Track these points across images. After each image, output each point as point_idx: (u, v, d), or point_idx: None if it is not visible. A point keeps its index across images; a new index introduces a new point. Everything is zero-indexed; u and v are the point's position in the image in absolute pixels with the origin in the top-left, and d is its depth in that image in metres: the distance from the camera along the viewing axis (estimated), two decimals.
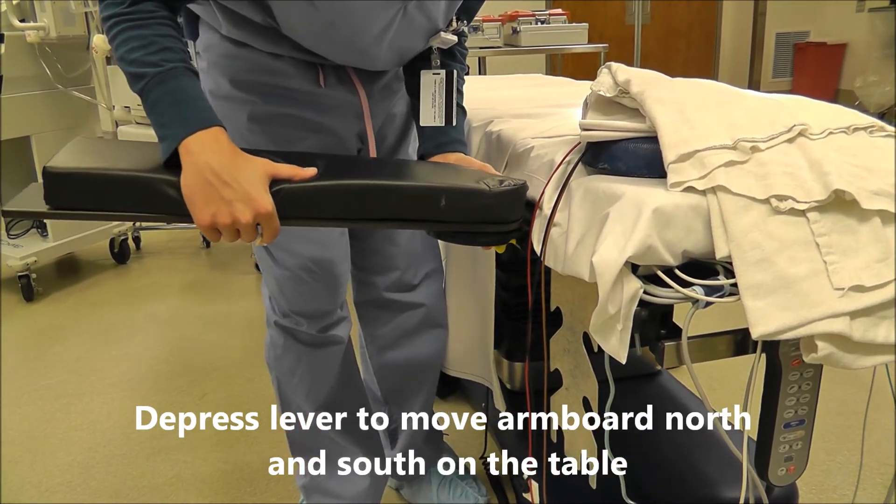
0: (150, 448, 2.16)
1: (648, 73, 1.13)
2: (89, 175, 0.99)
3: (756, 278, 0.87)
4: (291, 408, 1.62)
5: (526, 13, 4.44)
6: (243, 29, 1.24)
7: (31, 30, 3.14)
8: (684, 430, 1.54)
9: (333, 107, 1.34)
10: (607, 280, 0.88)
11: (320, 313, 1.51)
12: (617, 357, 0.90)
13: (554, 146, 1.21)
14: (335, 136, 1.37)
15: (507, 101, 1.76)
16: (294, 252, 1.42)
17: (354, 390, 1.65)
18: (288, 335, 1.55)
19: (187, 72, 1.05)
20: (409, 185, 1.08)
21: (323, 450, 1.64)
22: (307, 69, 1.29)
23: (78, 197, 1.00)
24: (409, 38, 1.27)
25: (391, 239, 1.56)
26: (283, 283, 1.47)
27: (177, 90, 1.03)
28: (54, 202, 1.00)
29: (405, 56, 1.35)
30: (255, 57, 1.27)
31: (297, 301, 1.49)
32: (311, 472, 1.66)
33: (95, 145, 1.14)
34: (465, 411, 2.25)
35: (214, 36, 1.30)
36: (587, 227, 0.99)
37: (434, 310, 1.71)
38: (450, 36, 1.31)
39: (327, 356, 1.57)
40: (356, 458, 1.64)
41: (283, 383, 1.60)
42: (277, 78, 1.29)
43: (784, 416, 1.03)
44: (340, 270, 1.50)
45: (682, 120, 1.01)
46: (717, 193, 0.92)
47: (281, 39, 1.23)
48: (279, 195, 1.03)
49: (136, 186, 1.00)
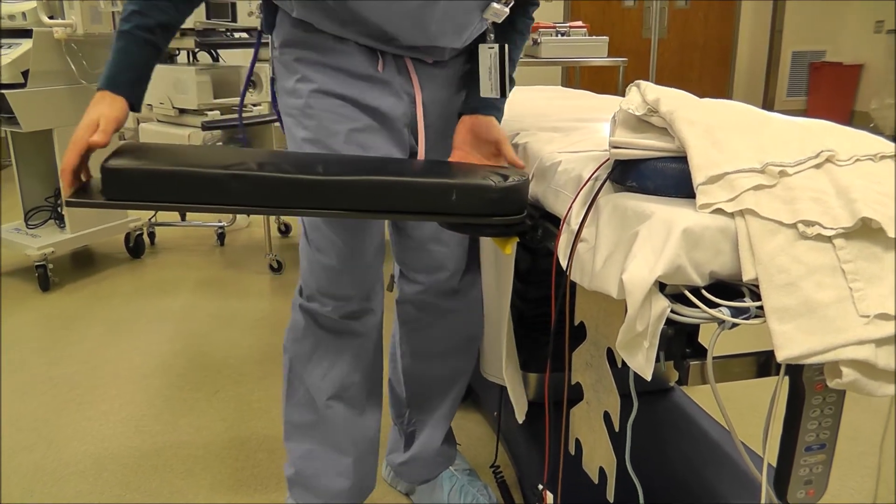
0: (161, 442, 2.18)
1: (677, 92, 1.15)
2: (140, 171, 1.13)
3: (782, 302, 0.88)
4: (297, 394, 1.65)
5: (547, 25, 4.45)
6: (311, 9, 1.35)
7: (60, 27, 3.18)
8: (696, 447, 1.55)
9: (391, 92, 1.44)
10: (637, 298, 0.89)
11: (344, 297, 1.54)
12: (642, 374, 0.92)
13: (581, 162, 1.22)
14: (388, 119, 1.44)
15: (531, 113, 1.77)
16: (324, 231, 1.48)
17: (364, 386, 1.66)
18: (309, 318, 1.59)
19: (145, 42, 1.28)
20: (424, 182, 1.19)
21: (315, 441, 1.66)
22: (368, 55, 1.41)
23: (130, 190, 1.13)
24: (459, 7, 1.34)
25: (438, 238, 1.58)
26: (312, 262, 1.53)
27: (121, 51, 1.27)
28: (110, 194, 1.13)
29: (461, 29, 1.41)
30: (322, 40, 1.40)
31: (322, 280, 1.53)
32: (298, 464, 1.68)
33: (141, 146, 1.27)
34: (477, 418, 2.27)
35: (287, 25, 1.43)
36: (615, 244, 1.00)
37: (471, 318, 1.73)
38: (502, 7, 1.37)
39: (344, 345, 1.59)
40: (345, 456, 1.66)
41: (296, 366, 1.63)
42: (341, 59, 1.40)
43: (805, 440, 1.04)
44: (368, 260, 1.52)
45: (712, 142, 1.03)
46: (746, 216, 0.94)
47: (346, 22, 1.34)
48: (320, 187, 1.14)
49: (177, 179, 1.15)
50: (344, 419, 1.63)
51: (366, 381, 1.65)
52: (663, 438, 1.77)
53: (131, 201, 1.15)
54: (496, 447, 2.03)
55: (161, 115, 3.55)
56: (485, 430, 2.21)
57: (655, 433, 1.79)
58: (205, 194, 1.14)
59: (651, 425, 1.28)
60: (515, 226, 1.25)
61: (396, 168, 1.30)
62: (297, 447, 1.68)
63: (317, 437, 1.66)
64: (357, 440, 1.67)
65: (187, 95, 3.36)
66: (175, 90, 3.39)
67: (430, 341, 1.74)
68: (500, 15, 1.38)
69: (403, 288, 1.70)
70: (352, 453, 1.66)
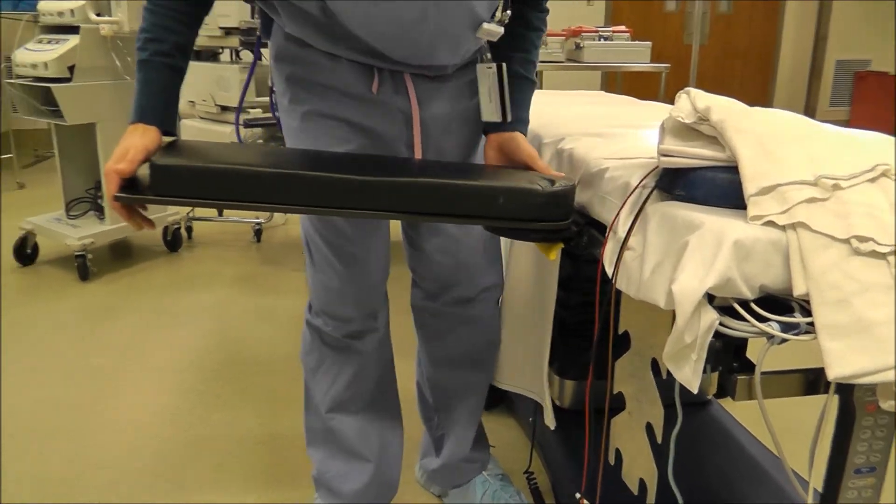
0: (194, 435, 2.20)
1: (728, 100, 1.13)
2: (188, 168, 1.14)
3: (834, 319, 0.86)
4: (312, 402, 1.68)
5: (590, 29, 4.43)
6: (303, 25, 1.31)
7: (106, 24, 3.23)
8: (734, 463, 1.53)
9: (384, 113, 1.39)
10: (686, 310, 0.88)
11: (345, 317, 1.56)
12: (689, 387, 0.90)
13: (628, 169, 1.21)
14: (382, 141, 1.41)
15: (576, 118, 1.76)
16: (324, 252, 1.49)
17: (370, 398, 1.67)
18: (315, 334, 1.62)
19: (165, 66, 1.27)
20: (472, 185, 1.18)
21: (332, 446, 1.68)
22: (363, 73, 1.35)
23: (177, 186, 1.14)
24: (450, 23, 1.28)
25: (445, 250, 1.57)
26: (314, 280, 1.55)
27: (145, 81, 1.27)
28: (157, 190, 1.14)
29: (456, 46, 1.35)
30: (314, 57, 1.35)
31: (324, 300, 1.55)
32: (319, 467, 1.71)
33: (187, 144, 1.28)
34: (510, 423, 2.26)
35: (280, 37, 1.38)
36: (664, 253, 0.99)
37: (488, 326, 1.73)
38: (495, 27, 1.32)
39: (347, 361, 1.61)
40: (363, 462, 1.67)
41: (308, 378, 1.67)
42: (333, 78, 1.35)
43: (854, 462, 1.01)
44: (370, 281, 1.53)
45: (763, 152, 1.01)
46: (797, 230, 0.92)
47: (338, 38, 1.29)
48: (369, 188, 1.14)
49: (225, 177, 1.15)
50: (352, 429, 1.66)
51: (372, 394, 1.67)
52: (700, 452, 1.75)
53: (178, 197, 1.15)
54: (530, 453, 2.02)
55: (203, 112, 3.59)
56: (518, 434, 2.20)
57: (692, 446, 1.77)
58: (252, 192, 1.14)
59: (688, 438, 1.27)
60: (560, 231, 1.24)
61: (442, 171, 1.29)
62: (315, 452, 1.72)
63: (331, 444, 1.69)
64: (373, 447, 1.68)
65: (230, 93, 3.39)
66: (218, 87, 3.42)
67: (445, 349, 1.74)
68: (494, 34, 1.32)
69: (416, 294, 1.71)
70: (370, 458, 1.68)
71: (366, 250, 1.49)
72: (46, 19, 3.42)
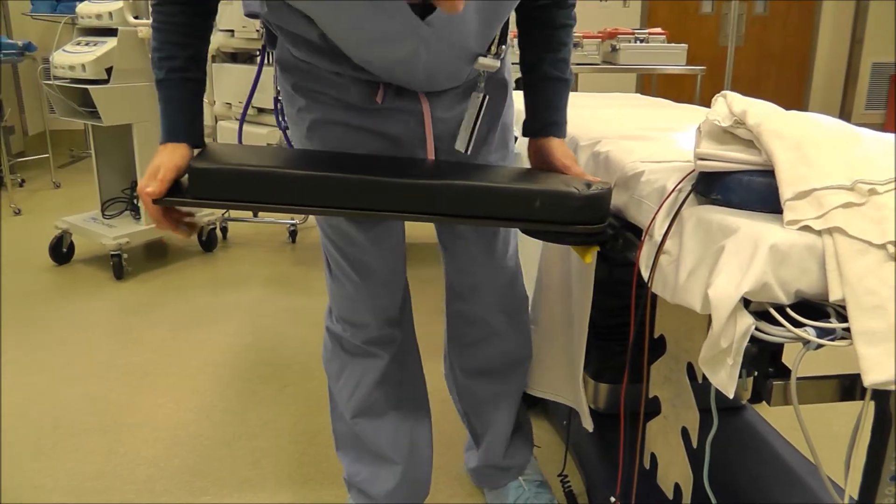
0: (231, 434, 2.23)
1: (764, 104, 1.13)
2: (228, 171, 1.16)
3: (870, 325, 0.86)
4: (337, 408, 1.70)
5: (626, 31, 4.42)
6: (303, 48, 1.32)
7: (144, 26, 3.29)
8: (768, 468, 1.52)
9: (394, 117, 1.39)
10: (722, 314, 0.88)
11: (362, 324, 1.57)
12: (725, 391, 0.91)
13: (664, 172, 1.21)
14: (397, 142, 1.42)
15: (612, 121, 1.76)
16: (338, 259, 1.52)
17: (395, 402, 1.68)
18: (336, 341, 1.64)
19: (182, 81, 1.28)
20: (509, 188, 1.19)
21: (359, 451, 1.70)
22: (367, 87, 1.35)
23: (217, 189, 1.17)
24: (443, 60, 1.27)
25: (475, 260, 1.58)
26: (331, 287, 1.57)
27: (166, 100, 1.28)
28: (196, 193, 1.16)
29: (455, 78, 1.35)
30: (318, 71, 1.35)
31: (343, 307, 1.58)
32: (349, 470, 1.73)
33: (225, 147, 1.32)
34: (545, 426, 2.26)
35: (285, 49, 1.39)
36: (700, 257, 0.99)
37: (519, 341, 1.73)
38: (492, 61, 1.29)
39: (368, 367, 1.63)
40: (391, 464, 1.68)
41: (332, 384, 1.69)
42: (339, 92, 1.36)
43: (891, 469, 1.01)
44: (387, 289, 1.55)
45: (800, 156, 1.01)
46: (833, 235, 0.91)
47: (341, 59, 1.28)
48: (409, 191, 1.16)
49: (264, 180, 1.17)
50: (378, 433, 1.67)
51: (397, 397, 1.68)
52: (734, 457, 1.74)
53: (218, 200, 1.18)
54: (564, 456, 2.02)
55: (239, 113, 3.62)
56: (553, 437, 2.20)
57: (726, 451, 1.76)
58: (289, 195, 1.16)
59: (722, 443, 1.26)
60: (596, 235, 1.25)
61: (478, 174, 1.30)
62: (344, 456, 1.74)
63: (358, 448, 1.70)
64: (401, 449, 1.69)
65: (266, 94, 3.41)
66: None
67: (476, 359, 1.74)
68: (491, 67, 1.30)
69: (449, 296, 1.71)
70: (398, 461, 1.68)
71: (379, 259, 1.51)
72: (85, 22, 3.49)
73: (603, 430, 1.71)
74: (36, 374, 2.59)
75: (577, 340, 1.63)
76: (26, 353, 2.75)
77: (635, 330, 1.17)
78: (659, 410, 1.29)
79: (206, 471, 2.05)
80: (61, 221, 3.72)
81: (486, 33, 1.26)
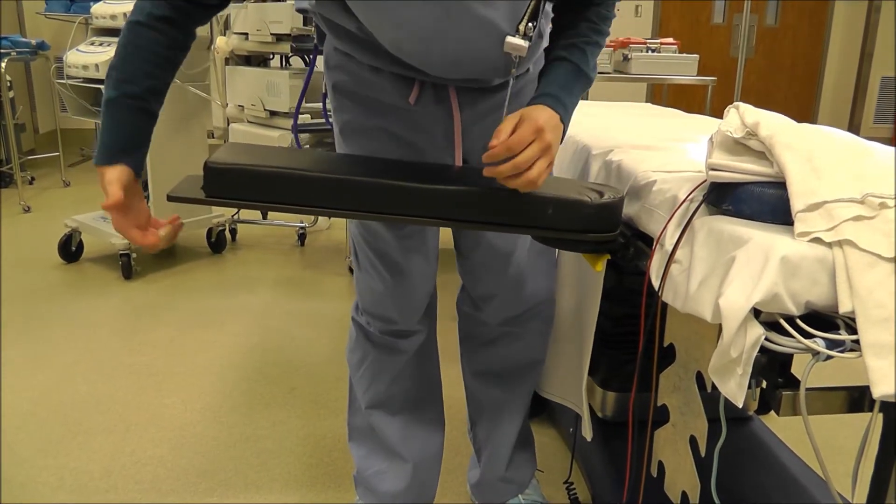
0: (238, 434, 2.24)
1: (776, 116, 1.14)
2: (242, 170, 1.17)
3: (879, 337, 0.87)
4: (355, 400, 1.73)
5: (638, 41, 4.42)
6: (344, 39, 1.33)
7: None
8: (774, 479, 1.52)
9: (424, 126, 1.39)
10: (732, 324, 0.89)
11: (388, 318, 1.59)
12: (734, 401, 0.91)
13: (676, 182, 1.22)
14: (422, 155, 1.43)
15: (624, 130, 1.77)
16: (369, 255, 1.52)
17: (410, 399, 1.69)
18: (360, 331, 1.66)
19: (137, 110, 1.20)
20: (521, 194, 1.18)
21: (372, 443, 1.71)
22: (403, 85, 1.35)
23: (231, 188, 1.17)
24: (469, 36, 1.19)
25: (487, 266, 1.58)
26: (359, 281, 1.59)
27: (113, 120, 1.20)
28: (210, 191, 1.17)
29: (484, 61, 1.26)
30: (358, 70, 1.37)
31: (368, 300, 1.59)
32: (359, 465, 1.74)
33: (240, 147, 1.29)
34: (552, 433, 2.26)
35: (330, 47, 1.41)
36: (711, 267, 1.00)
37: (533, 344, 1.73)
38: (519, 42, 1.17)
39: (391, 359, 1.65)
40: (402, 462, 1.69)
41: (352, 374, 1.71)
42: (375, 91, 1.37)
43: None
44: (415, 284, 1.55)
45: (811, 169, 1.02)
46: (844, 247, 0.92)
47: (379, 51, 1.29)
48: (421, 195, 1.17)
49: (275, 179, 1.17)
50: (391, 428, 1.68)
51: (413, 395, 1.69)
52: (741, 467, 1.74)
53: (231, 199, 1.18)
54: (570, 463, 2.03)
55: (252, 116, 3.64)
56: (559, 445, 2.20)
57: (733, 461, 1.76)
58: (303, 196, 1.17)
59: (729, 453, 1.26)
60: (608, 243, 1.25)
61: (491, 180, 1.30)
62: (356, 448, 1.75)
63: (371, 441, 1.72)
64: (412, 448, 1.70)
65: (279, 98, 3.44)
66: (267, 93, 3.47)
67: (486, 362, 1.75)
68: (520, 49, 1.18)
69: (463, 296, 1.72)
70: (408, 459, 1.69)
71: (409, 259, 1.51)
72: (98, 22, 3.51)
73: (610, 438, 1.72)
74: (43, 372, 2.61)
75: (583, 347, 1.64)
76: (34, 351, 2.77)
77: (645, 338, 1.18)
78: (666, 419, 1.30)
79: (212, 471, 2.06)
80: (70, 220, 3.75)
81: (513, 7, 1.18)
